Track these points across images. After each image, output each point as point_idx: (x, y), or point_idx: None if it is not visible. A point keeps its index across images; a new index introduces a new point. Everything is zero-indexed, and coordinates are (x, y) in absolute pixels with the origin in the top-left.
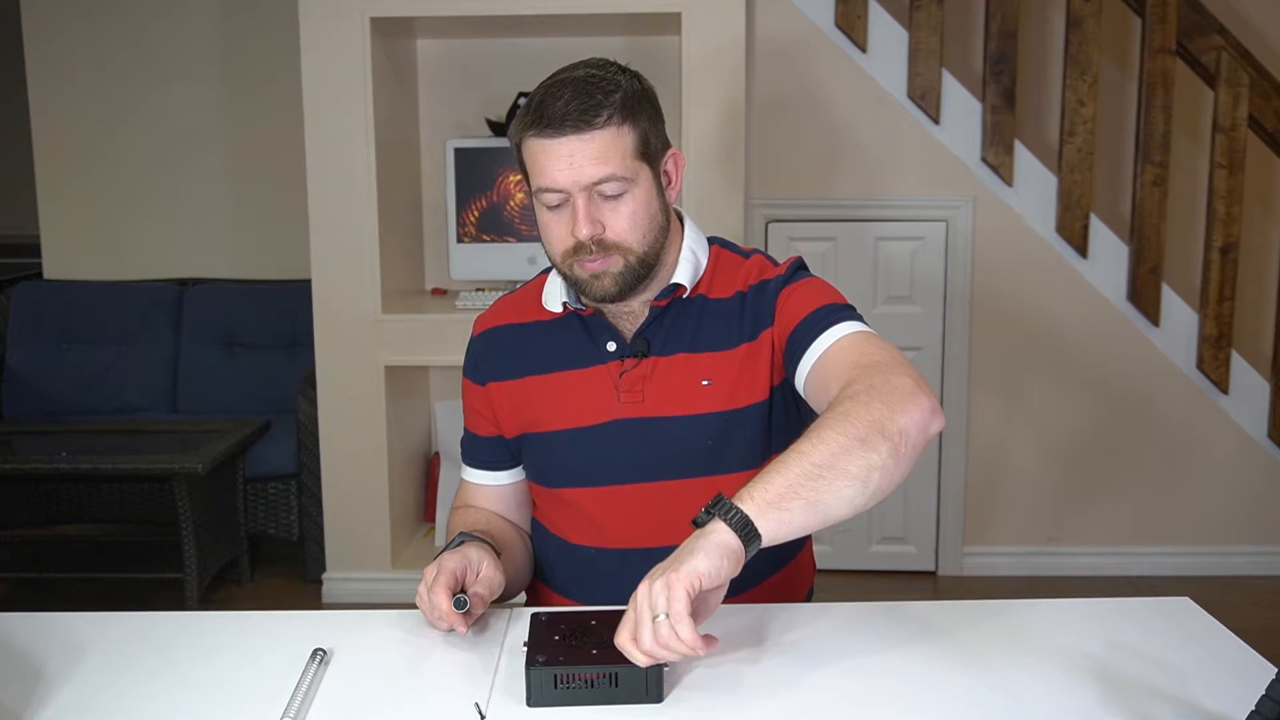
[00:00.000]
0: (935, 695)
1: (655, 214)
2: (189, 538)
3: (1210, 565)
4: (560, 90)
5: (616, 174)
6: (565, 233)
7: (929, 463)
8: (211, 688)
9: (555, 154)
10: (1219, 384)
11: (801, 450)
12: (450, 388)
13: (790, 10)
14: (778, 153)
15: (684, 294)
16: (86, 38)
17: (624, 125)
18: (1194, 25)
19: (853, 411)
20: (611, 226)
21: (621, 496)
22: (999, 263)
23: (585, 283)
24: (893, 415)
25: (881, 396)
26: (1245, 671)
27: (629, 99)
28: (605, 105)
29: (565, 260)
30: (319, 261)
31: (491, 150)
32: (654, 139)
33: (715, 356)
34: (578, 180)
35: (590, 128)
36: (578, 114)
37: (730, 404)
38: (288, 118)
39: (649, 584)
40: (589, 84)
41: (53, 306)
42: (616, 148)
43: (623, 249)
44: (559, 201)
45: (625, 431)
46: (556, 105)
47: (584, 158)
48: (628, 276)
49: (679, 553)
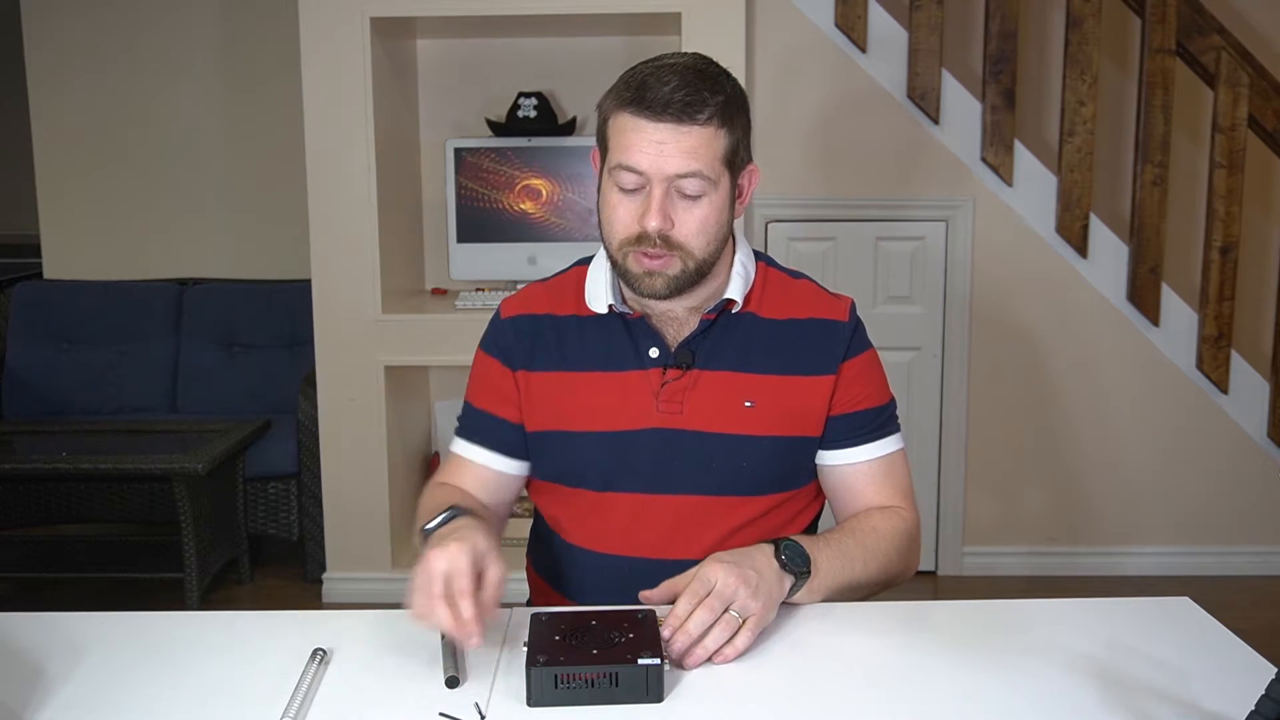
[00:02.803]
0: (935, 695)
1: (724, 223)
2: (189, 538)
3: (1210, 565)
4: (667, 75)
5: (703, 173)
6: (631, 219)
7: (929, 463)
8: (211, 688)
9: (647, 136)
10: (1219, 384)
11: (855, 563)
12: (450, 388)
13: (790, 10)
14: (778, 153)
15: (734, 308)
16: (87, 37)
17: (721, 128)
18: (1194, 25)
19: (891, 552)
20: (681, 225)
21: (644, 505)
22: (999, 263)
23: (636, 276)
24: (898, 574)
25: (906, 557)
26: (1245, 671)
27: (731, 102)
28: (710, 103)
29: (623, 247)
30: (319, 261)
31: (492, 150)
32: (742, 149)
33: (761, 380)
34: (662, 169)
35: (691, 121)
36: (681, 104)
37: (772, 429)
38: (288, 118)
39: (740, 587)
40: (699, 75)
41: (53, 306)
42: (710, 148)
43: (685, 251)
44: (635, 185)
45: (659, 441)
46: (663, 90)
47: (675, 148)
48: (682, 281)
49: (768, 583)
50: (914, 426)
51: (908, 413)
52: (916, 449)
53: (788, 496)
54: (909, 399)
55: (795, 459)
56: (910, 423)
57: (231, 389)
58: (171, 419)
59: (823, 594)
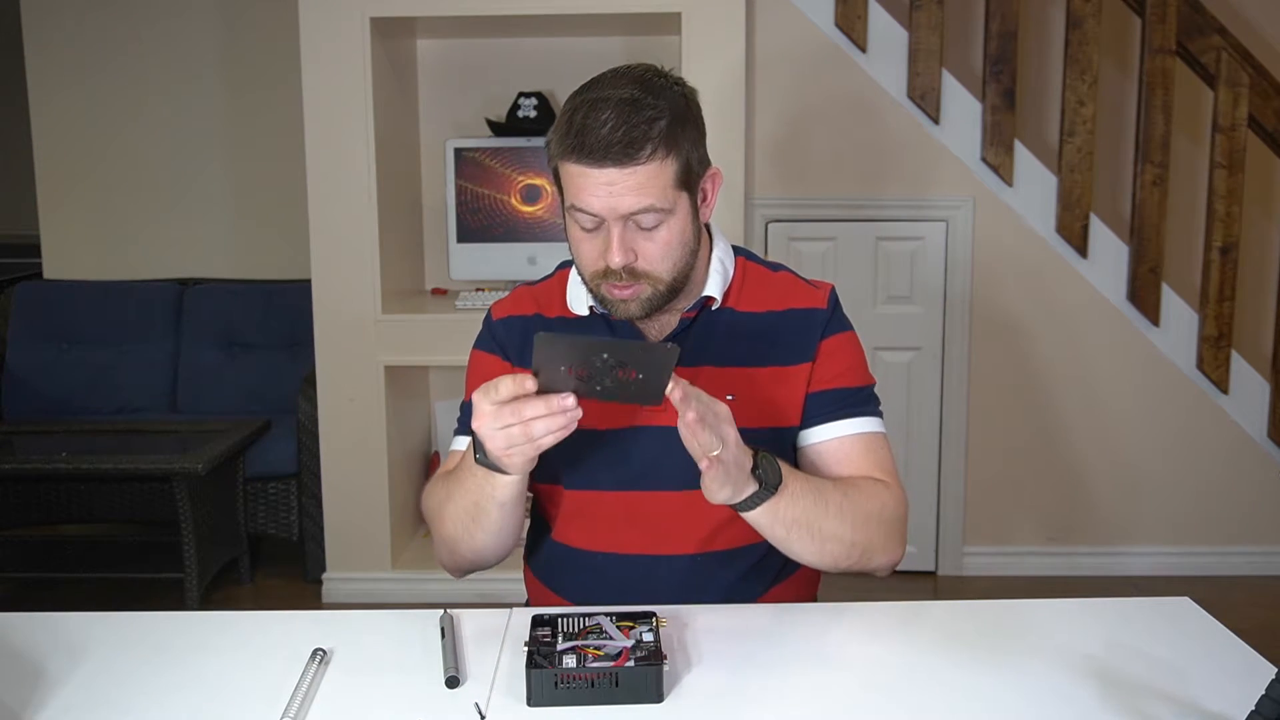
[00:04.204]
0: (935, 695)
1: (689, 240)
2: (189, 538)
3: (1210, 565)
4: (601, 112)
5: (655, 205)
6: (596, 254)
7: (929, 463)
8: (211, 688)
9: (594, 180)
10: (1219, 384)
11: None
12: (450, 388)
13: (790, 10)
14: (778, 153)
15: (713, 305)
16: (87, 38)
17: (667, 157)
18: (1194, 25)
19: (870, 513)
20: (644, 255)
21: (631, 503)
22: (999, 263)
23: (611, 303)
24: (879, 547)
25: (887, 529)
26: (1245, 671)
27: (674, 124)
28: (649, 137)
29: (594, 279)
30: (319, 261)
31: (492, 150)
32: (695, 164)
33: (741, 372)
34: (615, 209)
35: (633, 161)
36: (621, 147)
37: (754, 421)
38: (288, 118)
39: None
40: (633, 109)
41: (53, 306)
42: (658, 180)
43: (652, 278)
44: (593, 225)
45: (644, 439)
46: (600, 132)
47: (623, 188)
48: (655, 301)
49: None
50: (914, 426)
51: (908, 413)
52: (917, 449)
53: None
54: (909, 399)
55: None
56: (910, 423)
57: (231, 389)
58: (171, 419)
59: (787, 523)
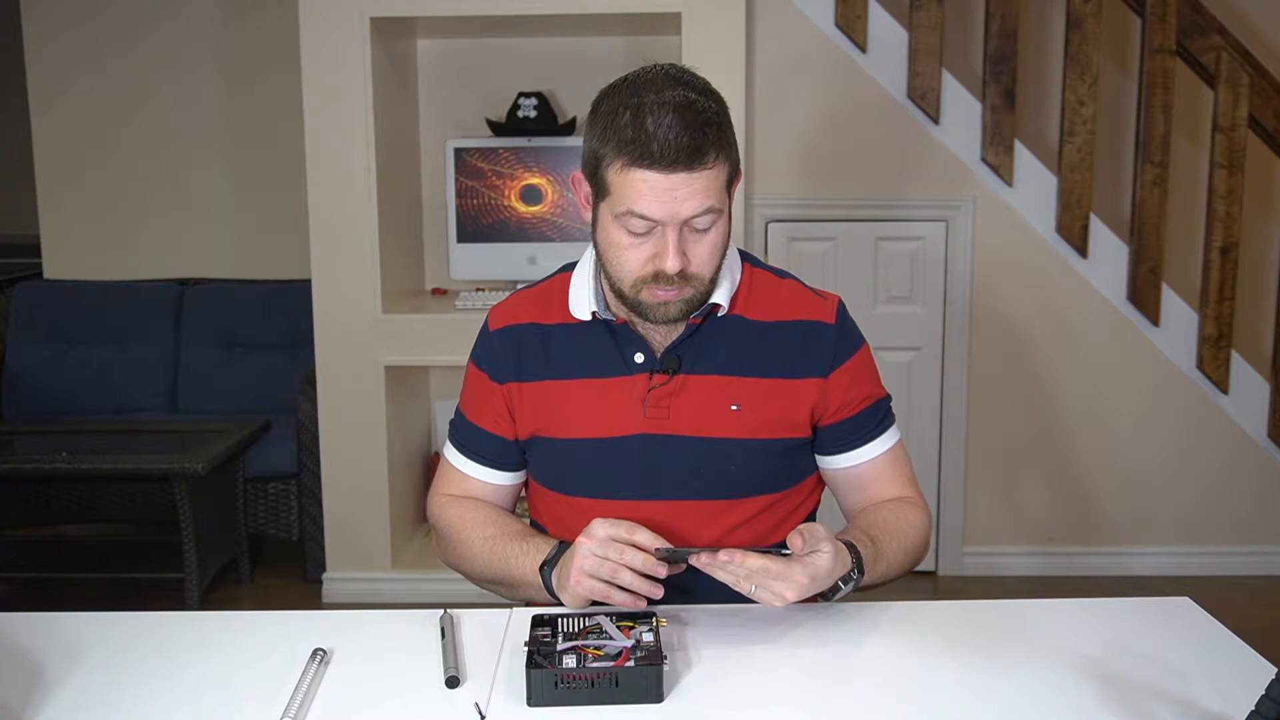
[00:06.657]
0: (935, 695)
1: (728, 240)
2: (189, 538)
3: (1210, 565)
4: (665, 116)
5: (714, 207)
6: (644, 259)
7: (929, 463)
8: (211, 688)
9: (658, 187)
10: (1219, 384)
11: (894, 567)
12: (450, 388)
13: (790, 10)
14: (778, 153)
15: (719, 311)
16: (87, 38)
17: (720, 157)
18: (1194, 25)
19: (915, 545)
20: (695, 258)
21: (635, 511)
22: (999, 263)
23: (650, 307)
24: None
25: (923, 548)
26: (1245, 671)
27: (724, 126)
28: (713, 142)
29: (637, 285)
30: (319, 261)
31: (492, 150)
32: (738, 162)
33: (748, 382)
34: (677, 214)
35: (702, 167)
36: (689, 152)
37: (758, 432)
38: (288, 118)
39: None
40: (692, 111)
41: (53, 306)
42: (717, 182)
43: (698, 280)
44: (646, 229)
45: (647, 447)
46: (667, 137)
47: (687, 192)
48: (694, 304)
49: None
50: (914, 426)
51: (908, 413)
52: (917, 449)
53: (779, 497)
54: (909, 399)
55: (784, 461)
56: (910, 423)
57: (231, 389)
58: (171, 419)
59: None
